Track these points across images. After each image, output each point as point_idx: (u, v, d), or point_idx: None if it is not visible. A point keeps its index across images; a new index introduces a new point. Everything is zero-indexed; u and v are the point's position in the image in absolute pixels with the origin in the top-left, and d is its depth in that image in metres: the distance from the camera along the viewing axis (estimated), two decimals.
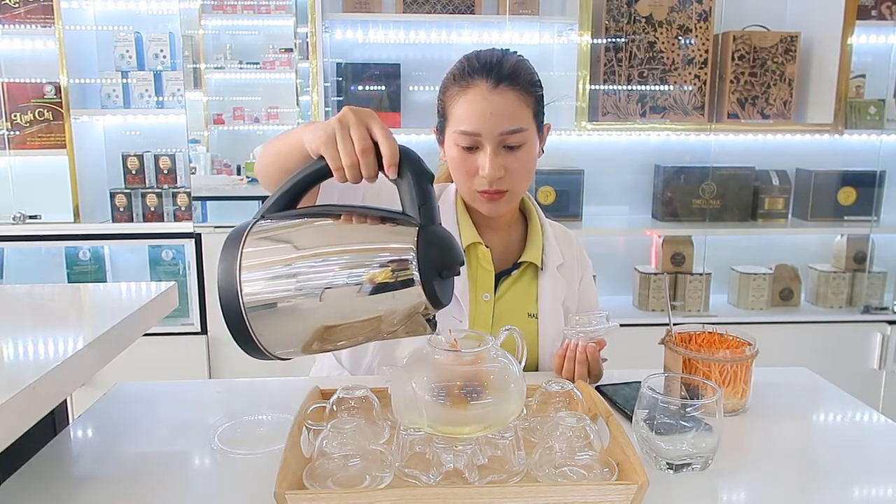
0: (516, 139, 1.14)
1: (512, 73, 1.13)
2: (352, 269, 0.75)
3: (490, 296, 1.23)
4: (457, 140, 1.15)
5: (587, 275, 1.35)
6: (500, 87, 1.12)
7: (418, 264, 0.74)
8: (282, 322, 0.77)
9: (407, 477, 0.80)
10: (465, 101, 1.14)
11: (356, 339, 0.80)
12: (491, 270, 1.23)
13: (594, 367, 1.14)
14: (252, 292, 0.76)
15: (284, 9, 2.72)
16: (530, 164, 1.18)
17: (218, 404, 1.12)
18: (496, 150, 1.13)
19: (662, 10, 2.63)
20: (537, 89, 1.18)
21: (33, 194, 2.67)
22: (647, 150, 2.87)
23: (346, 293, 0.75)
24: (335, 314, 0.76)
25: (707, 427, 0.86)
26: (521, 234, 1.29)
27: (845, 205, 2.80)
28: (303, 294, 0.76)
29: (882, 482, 0.88)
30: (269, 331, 0.77)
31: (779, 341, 2.64)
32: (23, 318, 1.03)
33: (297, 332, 0.78)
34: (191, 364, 2.64)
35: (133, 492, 0.84)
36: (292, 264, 0.77)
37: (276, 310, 0.76)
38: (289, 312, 0.76)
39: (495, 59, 1.15)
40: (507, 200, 1.19)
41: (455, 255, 0.78)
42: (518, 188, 1.19)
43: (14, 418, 0.69)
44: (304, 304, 0.76)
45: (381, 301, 0.75)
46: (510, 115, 1.13)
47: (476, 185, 1.16)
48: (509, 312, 1.23)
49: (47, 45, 2.57)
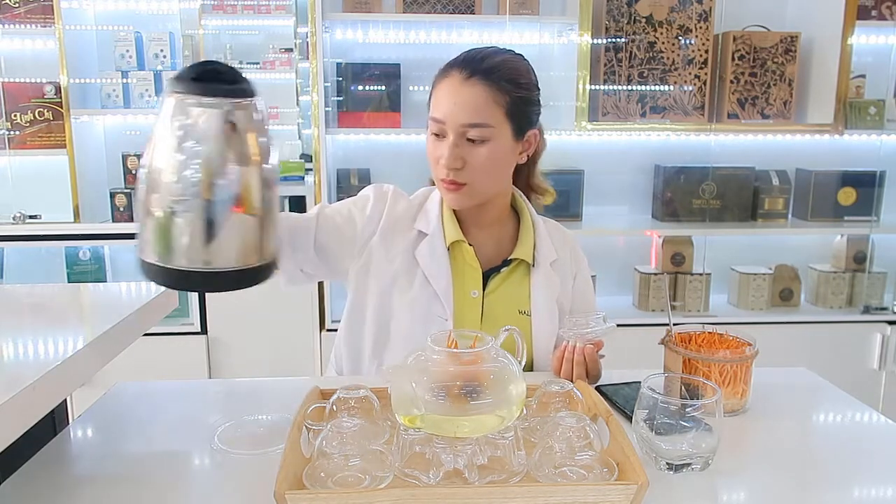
0: (478, 133, 1.14)
1: (489, 69, 1.14)
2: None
3: (479, 292, 1.23)
4: (430, 126, 1.18)
5: (583, 272, 1.34)
6: (471, 79, 1.13)
7: None
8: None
9: (407, 477, 0.80)
10: (440, 89, 1.17)
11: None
12: (478, 268, 1.23)
13: (592, 369, 1.14)
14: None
15: (284, 9, 2.72)
16: (494, 162, 1.17)
17: (218, 404, 1.12)
18: (457, 140, 1.14)
19: (662, 10, 2.63)
20: (519, 90, 1.16)
21: (33, 194, 2.67)
22: (647, 150, 2.87)
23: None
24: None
25: (707, 427, 0.86)
26: (512, 232, 1.29)
27: (845, 205, 2.80)
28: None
29: (882, 482, 0.88)
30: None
31: (779, 341, 2.64)
32: (23, 318, 1.03)
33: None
34: (191, 364, 2.64)
35: (133, 492, 0.84)
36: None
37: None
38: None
39: (479, 55, 1.16)
40: (467, 194, 1.18)
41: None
42: (478, 184, 1.17)
43: (14, 418, 0.69)
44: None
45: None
46: (474, 108, 1.13)
47: (438, 172, 1.18)
48: (499, 309, 1.23)
49: (47, 44, 2.57)
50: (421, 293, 1.21)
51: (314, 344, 2.64)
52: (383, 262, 1.23)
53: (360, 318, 1.25)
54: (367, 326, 1.24)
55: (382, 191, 1.28)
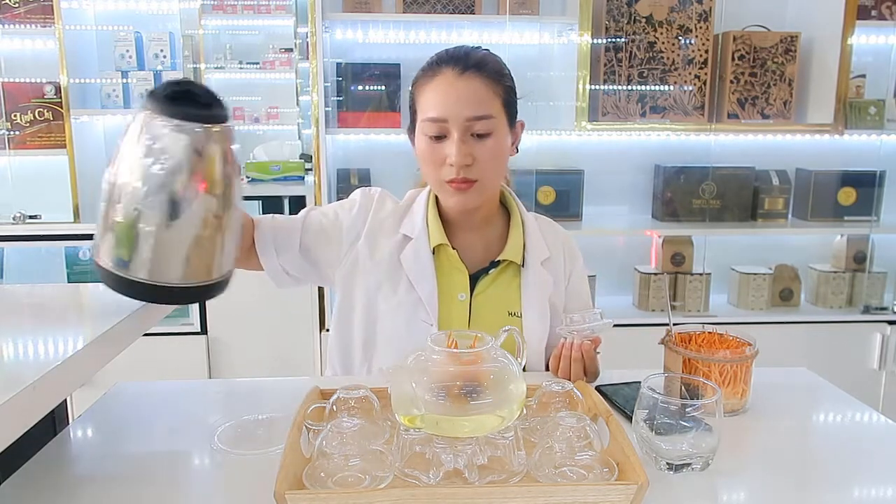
0: (483, 126, 1.12)
1: (479, 63, 1.14)
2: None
3: (466, 295, 1.21)
4: (425, 129, 1.15)
5: (577, 268, 1.32)
6: (466, 73, 1.13)
7: None
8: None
9: (407, 477, 0.80)
10: (431, 89, 1.14)
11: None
12: (464, 271, 1.21)
13: (590, 366, 1.13)
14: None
15: (284, 9, 2.73)
16: (500, 154, 1.16)
17: (218, 404, 1.12)
18: (463, 136, 1.12)
19: (662, 10, 2.63)
20: (506, 80, 1.17)
21: (33, 194, 2.67)
22: (647, 150, 2.87)
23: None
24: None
25: (707, 427, 0.86)
26: (501, 232, 1.27)
27: (845, 205, 2.80)
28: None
29: (882, 482, 0.88)
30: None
31: (779, 341, 2.64)
32: (23, 318, 1.02)
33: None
34: (191, 364, 2.64)
35: (133, 492, 0.84)
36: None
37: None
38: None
39: (463, 51, 1.16)
40: (476, 191, 1.16)
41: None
42: (487, 179, 1.16)
43: (14, 418, 0.69)
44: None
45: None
46: (477, 100, 1.12)
47: (444, 174, 1.14)
48: (488, 312, 1.22)
49: (47, 44, 2.57)
50: (406, 298, 1.19)
51: (314, 344, 2.64)
52: (369, 265, 1.21)
53: (348, 322, 1.24)
54: (356, 330, 1.23)
55: (369, 194, 1.27)
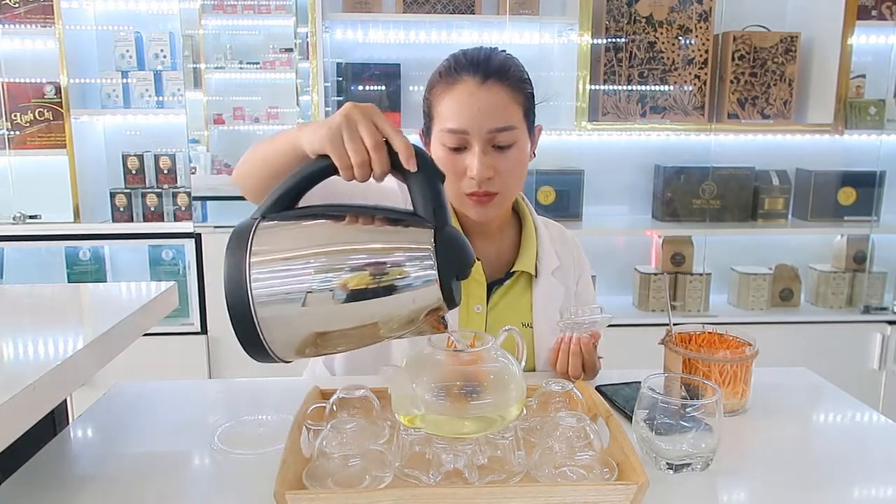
0: (506, 138, 1.08)
1: (500, 69, 1.09)
2: (371, 269, 0.74)
3: (482, 307, 1.19)
4: (443, 140, 1.10)
5: (585, 275, 1.32)
6: (487, 82, 1.07)
7: (437, 266, 0.73)
8: (295, 324, 0.75)
9: (407, 477, 0.80)
10: (451, 98, 1.09)
11: (368, 339, 0.79)
12: (482, 282, 1.19)
13: (589, 360, 1.11)
14: (263, 293, 0.73)
15: (284, 9, 2.72)
16: (521, 165, 1.13)
17: (218, 404, 1.12)
18: (485, 148, 1.08)
19: (662, 10, 2.63)
20: (527, 87, 1.13)
21: (33, 194, 2.68)
22: (647, 150, 2.87)
23: (364, 294, 0.73)
24: (351, 315, 0.75)
25: (707, 427, 0.86)
26: (514, 240, 1.25)
27: (845, 205, 2.80)
28: (318, 295, 0.73)
29: (882, 482, 0.88)
30: (280, 333, 0.75)
31: (779, 341, 2.64)
32: (23, 318, 1.03)
33: (308, 334, 0.76)
34: (191, 364, 2.64)
35: (133, 492, 0.83)
36: (308, 262, 0.74)
37: (289, 310, 0.74)
38: (303, 313, 0.74)
39: (483, 56, 1.10)
40: (498, 203, 1.13)
41: (469, 258, 0.78)
42: (509, 191, 1.13)
43: (14, 418, 0.69)
44: (319, 306, 0.74)
45: (400, 302, 0.74)
46: (499, 111, 1.07)
47: (464, 187, 1.10)
48: (503, 323, 1.18)
49: (47, 44, 2.57)
50: None
51: None
52: None
53: None
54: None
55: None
